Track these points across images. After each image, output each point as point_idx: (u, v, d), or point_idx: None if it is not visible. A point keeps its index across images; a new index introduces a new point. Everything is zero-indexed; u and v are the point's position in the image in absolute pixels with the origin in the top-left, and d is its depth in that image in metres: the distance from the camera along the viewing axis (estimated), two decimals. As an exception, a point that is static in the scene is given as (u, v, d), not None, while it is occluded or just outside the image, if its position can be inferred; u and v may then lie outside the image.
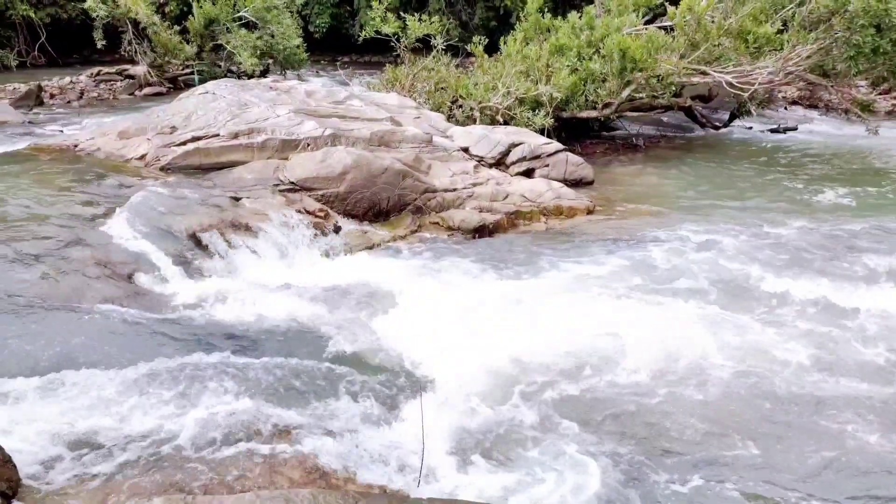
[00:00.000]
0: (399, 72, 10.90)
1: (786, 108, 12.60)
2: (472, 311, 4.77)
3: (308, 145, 7.07)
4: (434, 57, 10.73)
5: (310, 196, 6.42)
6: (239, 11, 15.43)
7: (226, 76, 14.88)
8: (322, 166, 6.64)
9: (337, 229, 6.18)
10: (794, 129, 12.03)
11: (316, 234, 5.95)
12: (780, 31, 9.60)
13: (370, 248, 6.18)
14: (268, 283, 5.13)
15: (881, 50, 8.54)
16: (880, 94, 10.26)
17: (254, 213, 5.93)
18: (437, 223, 6.95)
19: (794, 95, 11.66)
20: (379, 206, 6.68)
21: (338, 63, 16.69)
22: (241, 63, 15.05)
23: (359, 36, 11.07)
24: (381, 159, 6.89)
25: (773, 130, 11.97)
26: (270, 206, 6.02)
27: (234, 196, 6.13)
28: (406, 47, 10.57)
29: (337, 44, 22.55)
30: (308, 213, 6.16)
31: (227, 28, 15.37)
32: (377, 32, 10.69)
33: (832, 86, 9.67)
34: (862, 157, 10.23)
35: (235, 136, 7.00)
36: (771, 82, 9.38)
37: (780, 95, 11.35)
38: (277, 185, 6.51)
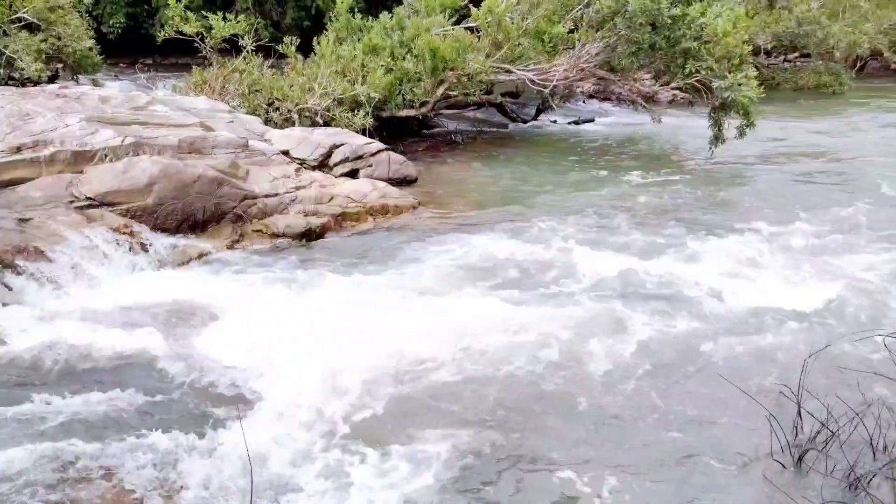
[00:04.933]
0: (208, 74, 10.35)
1: (584, 102, 13.76)
2: (300, 320, 4.66)
3: (106, 156, 6.49)
4: (245, 58, 10.32)
5: (112, 211, 5.89)
6: (17, 12, 13.73)
7: (6, 83, 13.17)
8: (124, 178, 6.13)
9: (147, 246, 5.74)
10: (592, 120, 13.16)
11: (122, 253, 5.48)
12: (571, 31, 10.43)
13: (187, 262, 5.81)
14: (68, 312, 4.65)
15: (657, 46, 9.58)
16: (661, 86, 11.48)
17: (47, 234, 5.33)
18: (261, 230, 6.71)
19: (591, 90, 12.77)
20: (194, 217, 6.30)
21: (136, 66, 15.47)
22: (23, 69, 13.41)
23: (159, 36, 10.30)
24: (193, 167, 6.50)
25: (573, 123, 13.00)
26: (66, 226, 5.44)
27: (21, 217, 5.46)
28: (212, 48, 10.06)
29: (136, 45, 20.84)
30: (112, 230, 5.66)
31: (5, 31, 13.62)
32: (178, 32, 10.05)
33: (619, 80, 10.69)
34: (649, 143, 11.45)
35: (18, 149, 6.22)
36: (567, 78, 10.17)
37: (578, 90, 12.35)
38: (73, 201, 5.90)
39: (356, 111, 9.68)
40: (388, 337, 4.46)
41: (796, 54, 17.94)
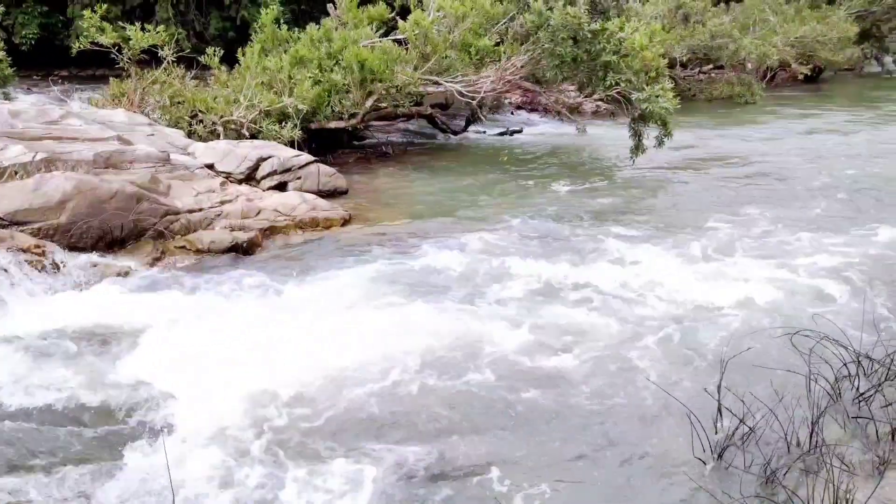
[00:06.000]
0: (126, 86, 9.99)
1: (512, 113, 14.03)
2: (224, 337, 4.53)
3: (16, 173, 6.18)
4: (165, 69, 10.01)
5: (23, 231, 5.60)
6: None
7: None
8: (35, 196, 5.83)
9: (60, 266, 5.46)
10: (520, 131, 13.39)
11: (33, 275, 5.20)
12: (498, 44, 10.62)
13: (104, 281, 5.56)
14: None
15: (579, 59, 9.86)
16: (585, 97, 11.80)
17: (-51, 257, 5.01)
18: (185, 247, 6.50)
19: (518, 101, 13.02)
20: (111, 234, 6.05)
21: (51, 79, 14.78)
22: (-76, 81, 12.58)
23: (74, 47, 9.86)
24: (109, 183, 6.25)
25: (501, 133, 13.20)
26: (-30, 247, 5.13)
27: (-81, 239, 5.12)
28: (130, 59, 9.71)
29: (51, 57, 19.96)
30: (22, 250, 5.37)
31: None
32: (95, 44, 9.66)
33: (544, 91, 10.94)
34: (576, 153, 11.74)
35: (-85, 167, 5.85)
36: (494, 90, 10.35)
37: (506, 101, 12.58)
38: (-21, 221, 5.58)
39: (284, 123, 9.54)
40: (316, 351, 4.39)
41: (710, 66, 18.83)
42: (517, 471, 3.40)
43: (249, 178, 8.39)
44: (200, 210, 6.92)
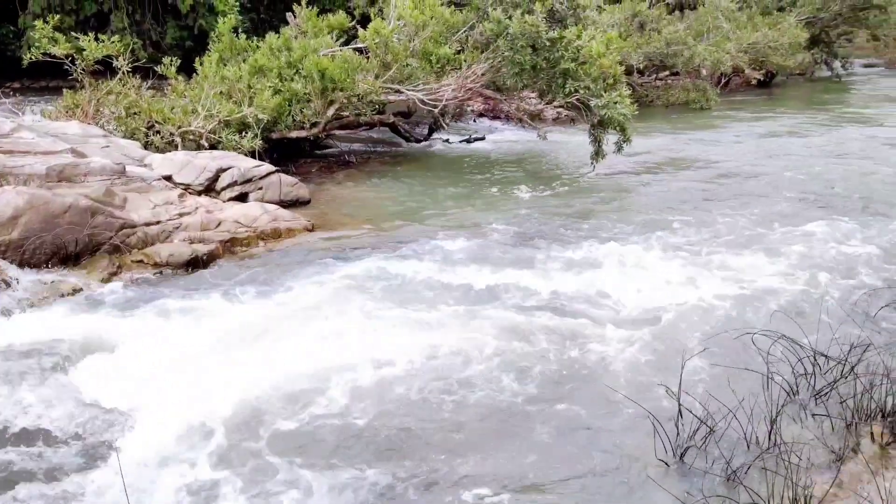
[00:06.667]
0: (80, 97, 9.75)
1: (475, 121, 14.10)
2: (180, 353, 4.45)
3: (-37, 188, 5.97)
4: (120, 80, 9.81)
5: (-29, 248, 5.42)
6: None
7: None
8: (-16, 212, 5.65)
9: (12, 284, 5.30)
10: (482, 138, 13.45)
11: (-17, 292, 5.04)
12: (458, 52, 10.67)
13: (59, 298, 5.41)
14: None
15: (539, 67, 9.96)
16: (546, 104, 11.91)
17: None
18: (142, 260, 6.37)
19: (480, 108, 13.09)
20: (65, 249, 5.89)
21: (1, 91, 14.36)
22: None
23: (26, 58, 9.58)
24: (63, 197, 6.09)
25: (464, 141, 13.24)
26: (-86, 266, 4.94)
27: None
28: (84, 70, 9.49)
29: (2, 68, 19.42)
30: (-30, 268, 5.19)
31: None
32: (47, 54, 9.41)
33: (505, 99, 11.01)
34: (537, 159, 11.84)
35: None
36: (456, 98, 10.38)
37: (469, 109, 12.62)
38: (-76, 239, 5.38)
39: (244, 133, 9.43)
40: (274, 365, 4.33)
41: (667, 73, 19.20)
42: (475, 481, 3.40)
43: (209, 189, 8.26)
44: (158, 223, 6.79)
